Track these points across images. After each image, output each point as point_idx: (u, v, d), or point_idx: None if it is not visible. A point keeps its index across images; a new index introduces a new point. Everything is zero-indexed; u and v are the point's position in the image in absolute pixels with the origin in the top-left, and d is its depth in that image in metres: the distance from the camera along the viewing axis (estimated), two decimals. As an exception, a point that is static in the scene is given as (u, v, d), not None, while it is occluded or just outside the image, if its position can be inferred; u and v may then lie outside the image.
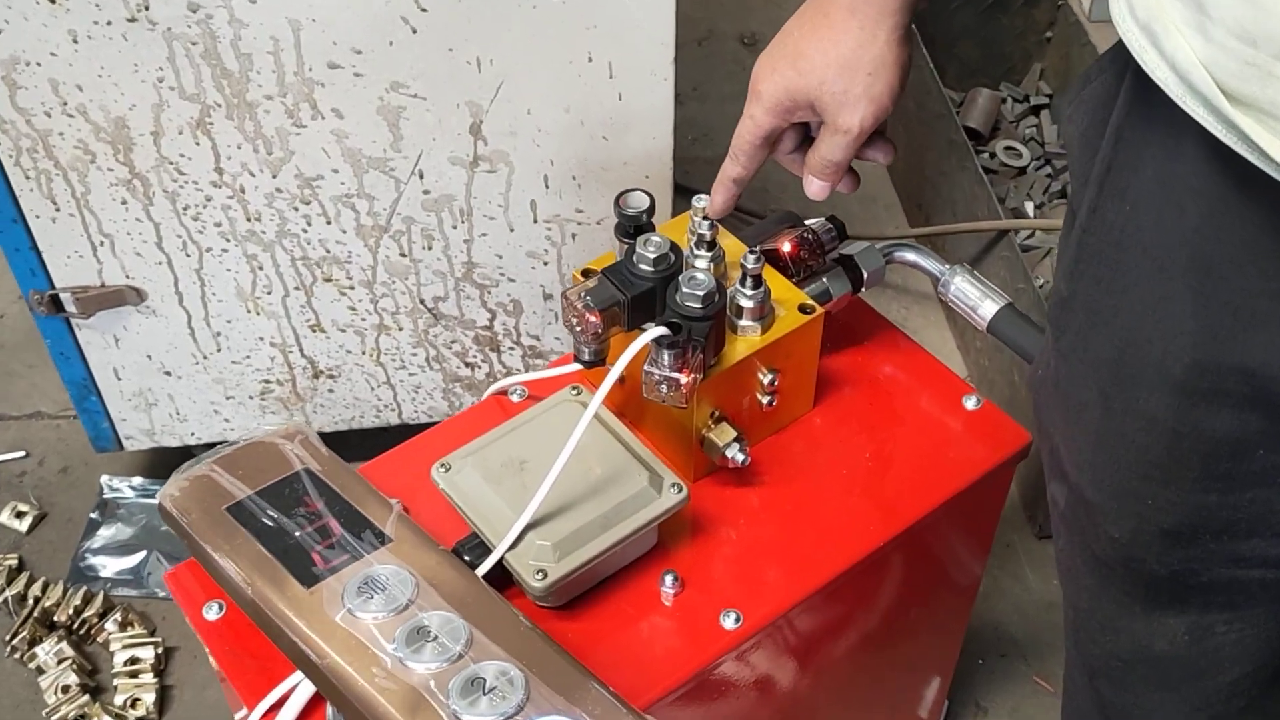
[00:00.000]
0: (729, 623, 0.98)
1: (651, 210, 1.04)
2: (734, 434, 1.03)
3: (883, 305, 1.88)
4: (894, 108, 0.96)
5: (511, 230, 1.49)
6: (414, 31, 1.30)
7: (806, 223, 1.13)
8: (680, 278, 0.97)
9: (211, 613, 1.00)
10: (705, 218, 1.03)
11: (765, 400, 1.06)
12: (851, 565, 1.03)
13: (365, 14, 1.29)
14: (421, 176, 1.43)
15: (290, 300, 1.53)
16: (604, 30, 1.33)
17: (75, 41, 1.28)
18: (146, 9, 1.26)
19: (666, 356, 0.93)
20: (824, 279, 1.11)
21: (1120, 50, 0.70)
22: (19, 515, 1.72)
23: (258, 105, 1.34)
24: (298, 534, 0.96)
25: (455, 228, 1.48)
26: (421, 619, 0.89)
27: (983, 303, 1.10)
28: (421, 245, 1.49)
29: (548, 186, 1.46)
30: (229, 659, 0.98)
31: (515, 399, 1.14)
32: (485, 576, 0.95)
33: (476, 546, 0.97)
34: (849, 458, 1.09)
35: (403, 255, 1.50)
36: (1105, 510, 0.80)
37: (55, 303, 1.49)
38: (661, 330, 0.92)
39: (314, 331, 1.57)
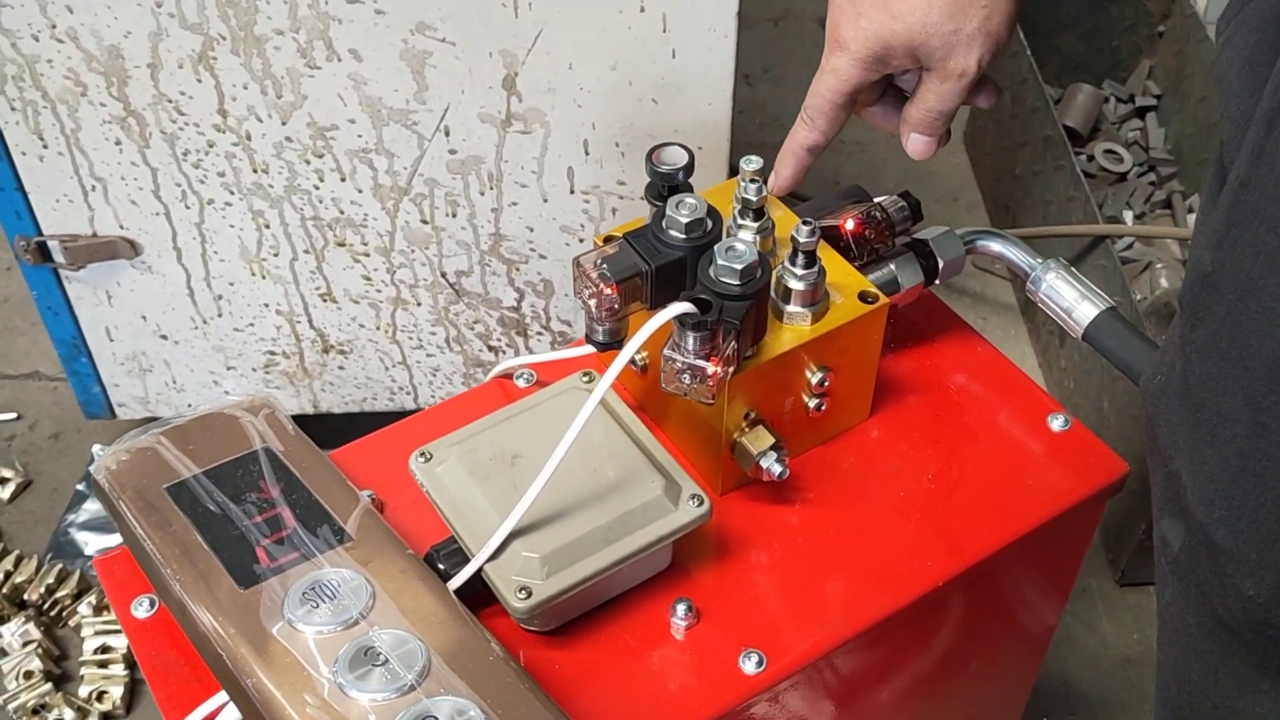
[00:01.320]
0: (749, 666, 0.81)
1: (690, 168, 0.87)
2: (771, 440, 0.86)
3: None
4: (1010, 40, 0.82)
5: (545, 200, 1.33)
6: (444, -36, 1.15)
7: (875, 200, 0.96)
8: (716, 248, 0.80)
9: (141, 609, 0.85)
10: (753, 180, 0.86)
11: (812, 403, 0.89)
12: (903, 607, 0.85)
13: (389, -59, 1.14)
14: (447, 134, 1.27)
15: (299, 265, 1.39)
16: (659, -25, 1.17)
17: (65, -45, 1.14)
18: (145, -78, 1.12)
19: (691, 340, 0.76)
20: (891, 265, 0.94)
21: None
22: (1, 481, 1.59)
23: (266, 41, 1.20)
24: (244, 524, 0.81)
25: (483, 194, 1.32)
26: (371, 638, 0.73)
27: (1080, 304, 0.92)
28: (445, 211, 1.34)
29: (587, 153, 1.30)
30: (153, 665, 0.83)
31: (521, 384, 0.98)
32: (461, 591, 0.79)
33: (453, 554, 0.82)
34: (909, 478, 0.92)
35: (424, 222, 1.35)
36: (1240, 558, 0.62)
37: (42, 251, 1.36)
38: (686, 307, 0.76)
39: (324, 301, 1.42)
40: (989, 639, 1.05)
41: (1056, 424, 0.95)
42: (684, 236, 0.83)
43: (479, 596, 0.81)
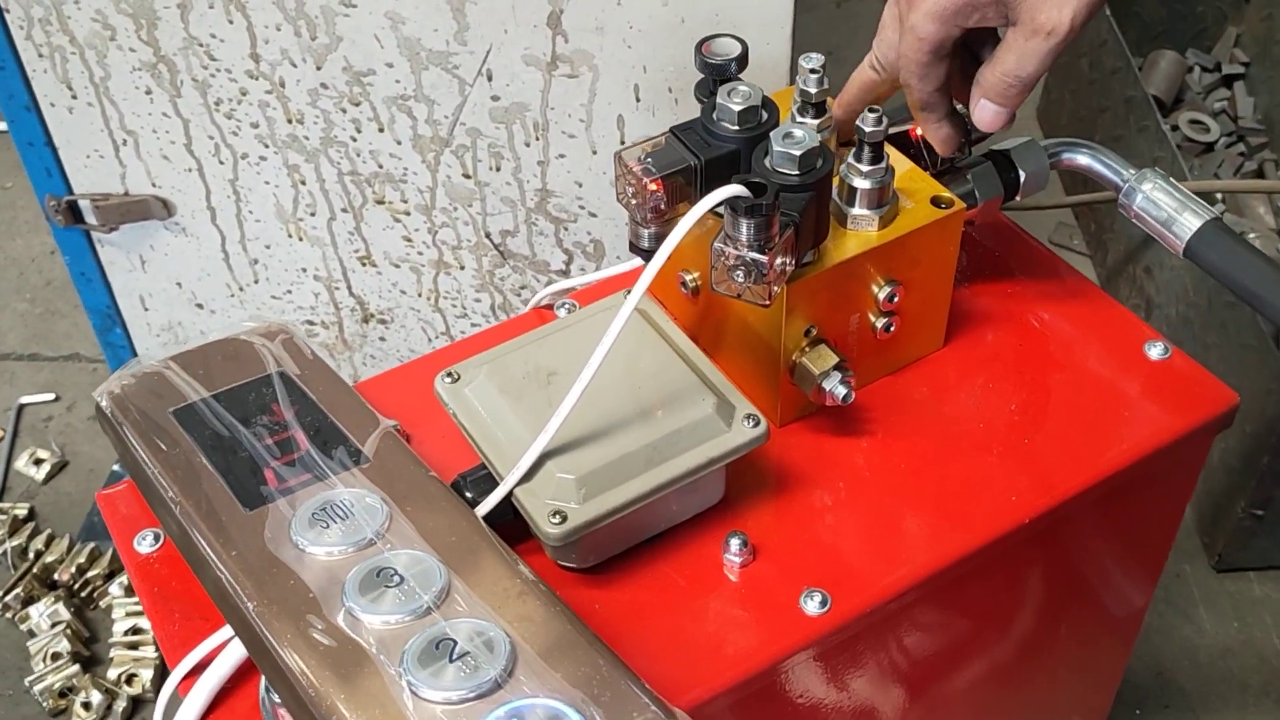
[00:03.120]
0: (812, 606, 0.72)
1: (744, 61, 0.79)
2: (835, 360, 0.77)
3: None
4: None
5: (594, 153, 1.26)
6: (484, -110, 1.09)
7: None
8: (772, 135, 0.72)
9: (145, 544, 0.78)
10: (814, 71, 0.78)
11: (880, 323, 0.80)
12: (984, 545, 0.76)
13: None
14: (490, 78, 1.20)
15: (337, 225, 1.32)
16: (713, -101, 1.09)
17: (90, -114, 1.09)
18: None
19: (745, 228, 0.68)
20: (968, 176, 0.85)
21: None
22: (37, 462, 1.54)
23: (300, -24, 1.14)
24: (253, 446, 0.74)
25: (528, 145, 1.25)
26: (387, 558, 0.66)
27: (1181, 215, 0.83)
28: (489, 165, 1.27)
29: (638, 99, 1.22)
30: (156, 603, 0.75)
31: (563, 315, 0.90)
32: (494, 522, 0.71)
33: (482, 479, 0.74)
34: (989, 409, 0.83)
35: (466, 176, 1.28)
36: None
37: (74, 211, 1.30)
38: (738, 189, 0.68)
39: (363, 265, 1.36)
40: (1076, 605, 0.95)
41: (1155, 352, 0.86)
42: (737, 127, 0.75)
43: (512, 529, 0.73)
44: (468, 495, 0.73)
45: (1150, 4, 1.89)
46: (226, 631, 0.70)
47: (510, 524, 0.72)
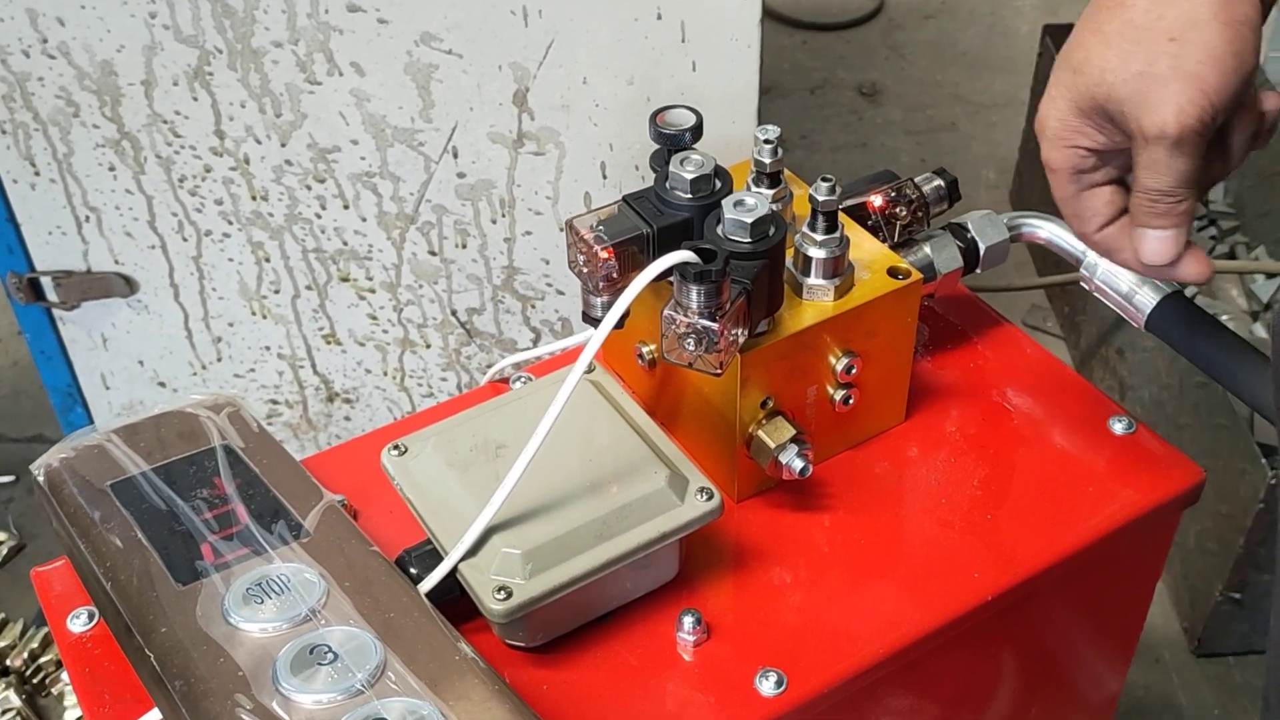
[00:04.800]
0: (767, 687, 0.70)
1: (697, 133, 0.79)
2: (792, 432, 0.76)
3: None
4: (1241, 85, 0.63)
5: (561, 229, 1.25)
6: (449, -31, 1.09)
7: (908, 178, 0.86)
8: (724, 202, 0.71)
9: (78, 623, 0.75)
10: (769, 142, 0.77)
11: (839, 395, 0.79)
12: (945, 624, 0.74)
13: (392, -56, 1.08)
14: (456, 155, 1.20)
15: (301, 302, 1.31)
16: (676, -21, 1.10)
17: (56, -37, 1.09)
18: (138, -73, 1.07)
19: (695, 294, 0.66)
20: (926, 247, 0.85)
21: None
22: (-6, 544, 1.51)
23: (264, 53, 1.14)
24: (191, 520, 0.71)
25: (495, 222, 1.25)
26: (321, 634, 0.63)
27: (1141, 289, 0.82)
28: (455, 242, 1.26)
29: (605, 176, 1.22)
30: (86, 684, 0.72)
31: (517, 388, 0.88)
32: (439, 599, 0.69)
33: (427, 555, 0.71)
34: (951, 485, 0.81)
35: (432, 253, 1.27)
36: None
37: (35, 288, 1.29)
38: (687, 255, 0.66)
39: (328, 343, 1.34)
40: (1047, 687, 0.92)
41: (1119, 427, 0.84)
42: (689, 195, 0.74)
43: (459, 607, 0.70)
44: (412, 571, 0.71)
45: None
46: (156, 714, 0.67)
47: (457, 601, 0.70)
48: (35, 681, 1.37)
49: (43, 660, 1.36)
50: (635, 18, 1.12)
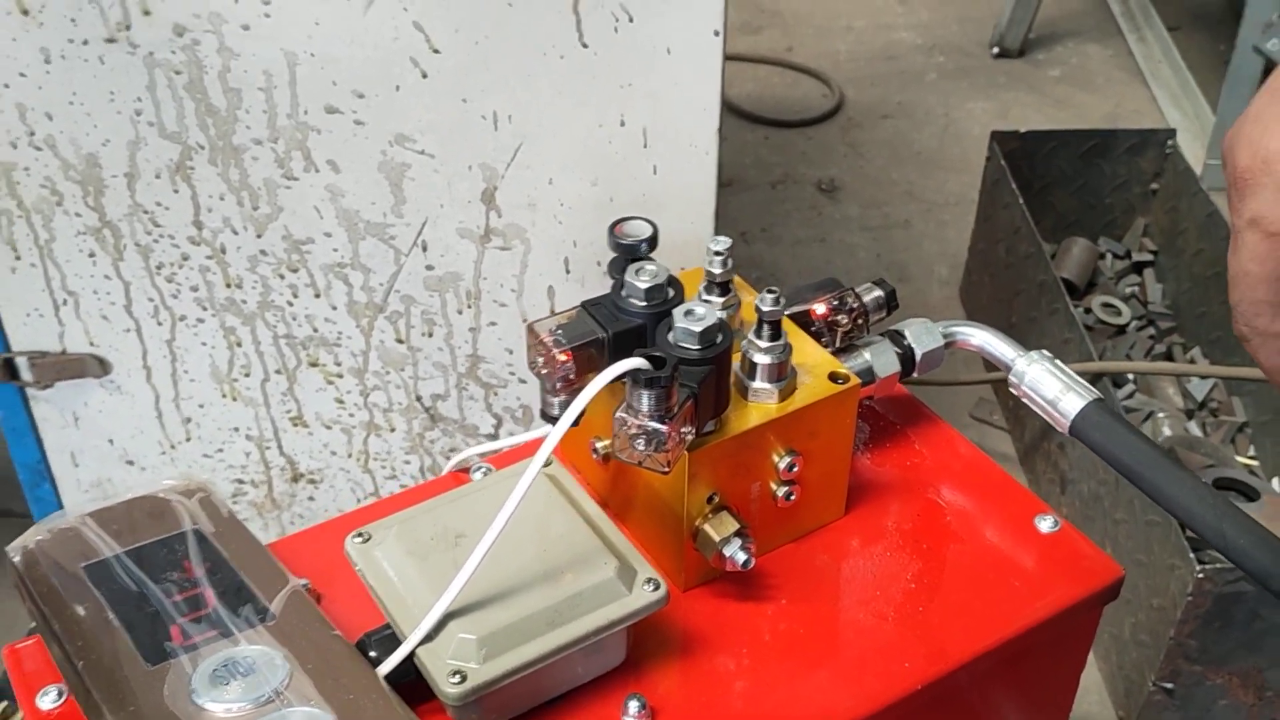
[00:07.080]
0: (708, 770, 0.73)
1: (653, 243, 0.84)
2: (736, 526, 0.80)
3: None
4: None
5: (525, 320, 1.30)
6: (424, 76, 1.15)
7: (849, 288, 0.92)
8: (675, 311, 0.76)
9: (47, 700, 0.78)
10: (719, 253, 0.83)
11: (781, 492, 0.84)
12: (876, 712, 0.78)
13: (370, 51, 1.14)
14: (425, 249, 1.26)
15: (270, 386, 1.35)
16: (640, 89, 1.17)
17: (47, 61, 1.14)
18: (128, 29, 1.13)
19: (646, 399, 0.71)
20: (866, 353, 0.90)
21: None
22: (-45, 618, 1.52)
23: (245, 150, 1.19)
24: (161, 602, 0.75)
25: (461, 313, 1.30)
26: (284, 715, 0.67)
27: (1065, 396, 0.87)
28: (421, 331, 1.31)
29: (568, 271, 1.27)
30: (54, 760, 0.75)
31: (478, 478, 0.92)
32: (396, 681, 0.73)
33: (387, 639, 0.75)
34: (886, 578, 0.86)
35: (399, 341, 1.32)
36: None
37: (9, 368, 1.32)
38: (639, 362, 0.71)
39: (295, 425, 1.38)
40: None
41: (1045, 525, 0.89)
42: (644, 303, 0.79)
43: (416, 690, 0.74)
44: (371, 654, 0.75)
45: (1063, 196, 2.00)
46: (122, 791, 0.70)
47: (414, 684, 0.74)
48: (-7, 756, 1.38)
49: (2, 735, 1.38)
50: (600, 124, 1.18)
